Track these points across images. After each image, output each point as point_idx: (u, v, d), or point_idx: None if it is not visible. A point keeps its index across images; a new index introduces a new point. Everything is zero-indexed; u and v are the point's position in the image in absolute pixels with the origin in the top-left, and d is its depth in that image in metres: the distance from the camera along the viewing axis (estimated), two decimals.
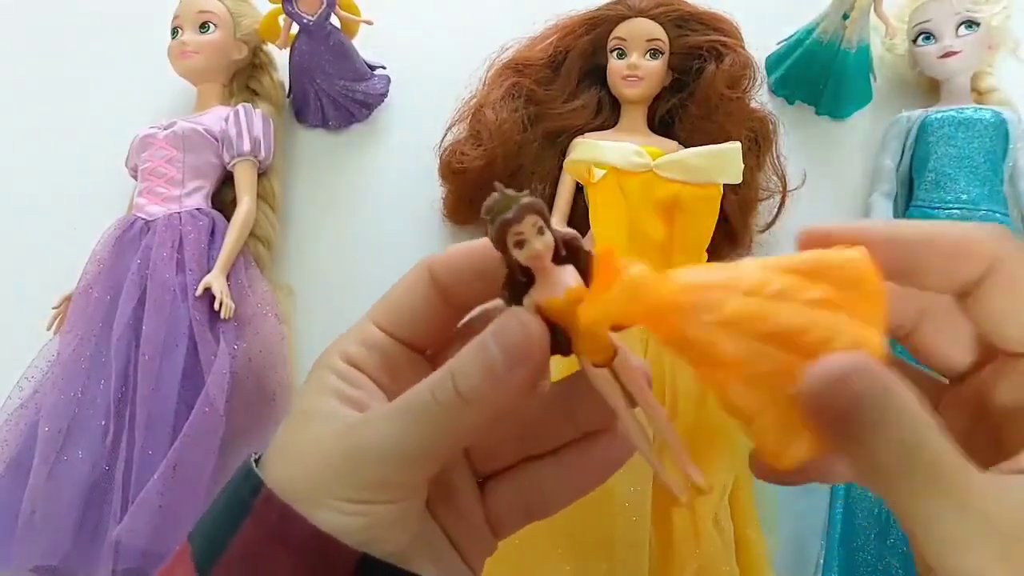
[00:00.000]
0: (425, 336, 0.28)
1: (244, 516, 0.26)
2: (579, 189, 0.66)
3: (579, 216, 0.66)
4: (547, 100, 0.67)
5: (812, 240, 0.24)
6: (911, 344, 0.26)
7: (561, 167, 0.67)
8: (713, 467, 0.53)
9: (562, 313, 0.24)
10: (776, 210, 0.68)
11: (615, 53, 0.67)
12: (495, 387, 0.24)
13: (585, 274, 0.25)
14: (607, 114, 0.69)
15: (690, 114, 0.67)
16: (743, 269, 0.23)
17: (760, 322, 0.22)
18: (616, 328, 0.24)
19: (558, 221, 0.66)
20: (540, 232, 0.24)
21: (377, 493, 0.26)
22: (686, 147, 0.63)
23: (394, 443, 0.25)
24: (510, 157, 0.66)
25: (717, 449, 0.53)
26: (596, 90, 0.69)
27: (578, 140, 0.65)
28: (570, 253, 0.25)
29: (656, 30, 0.66)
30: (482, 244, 0.27)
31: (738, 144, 0.57)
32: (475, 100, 0.70)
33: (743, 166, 0.58)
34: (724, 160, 0.56)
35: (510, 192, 0.25)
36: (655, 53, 0.67)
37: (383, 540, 0.25)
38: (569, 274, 0.25)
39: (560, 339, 0.25)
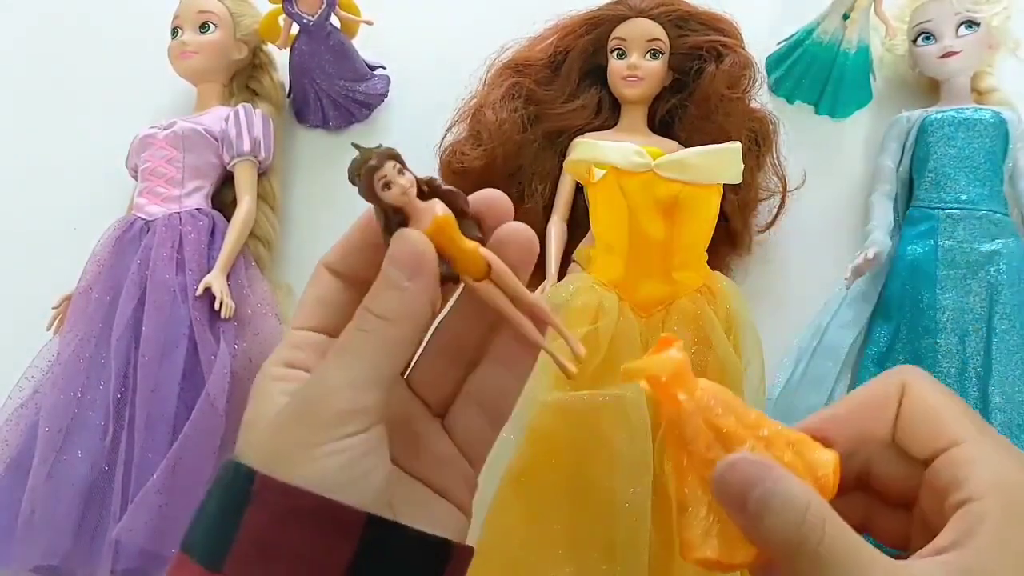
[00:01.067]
0: (338, 320, 0.31)
1: (245, 506, 0.28)
2: (579, 189, 0.66)
3: (579, 216, 0.66)
4: (547, 100, 0.67)
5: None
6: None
7: (561, 167, 0.67)
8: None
9: (437, 239, 0.29)
10: (776, 210, 0.68)
11: (615, 53, 0.67)
12: (404, 300, 0.29)
13: (451, 206, 0.30)
14: (607, 114, 0.69)
15: (690, 114, 0.67)
16: (755, 412, 0.29)
17: (739, 445, 0.27)
18: (651, 385, 0.29)
19: (558, 222, 0.66)
20: (400, 172, 0.29)
21: (340, 427, 0.28)
22: (686, 147, 0.63)
23: (341, 377, 0.28)
24: (510, 157, 0.66)
25: None
26: (596, 90, 0.69)
27: (578, 140, 0.64)
28: (432, 191, 0.30)
29: (656, 30, 0.66)
30: (356, 226, 0.33)
31: (738, 144, 0.57)
32: (475, 100, 0.70)
33: (743, 166, 0.58)
34: (724, 160, 0.56)
35: (364, 146, 0.30)
36: (655, 53, 0.66)
37: (366, 476, 0.28)
38: (437, 206, 0.30)
39: (444, 267, 0.29)
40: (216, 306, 0.62)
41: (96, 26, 0.90)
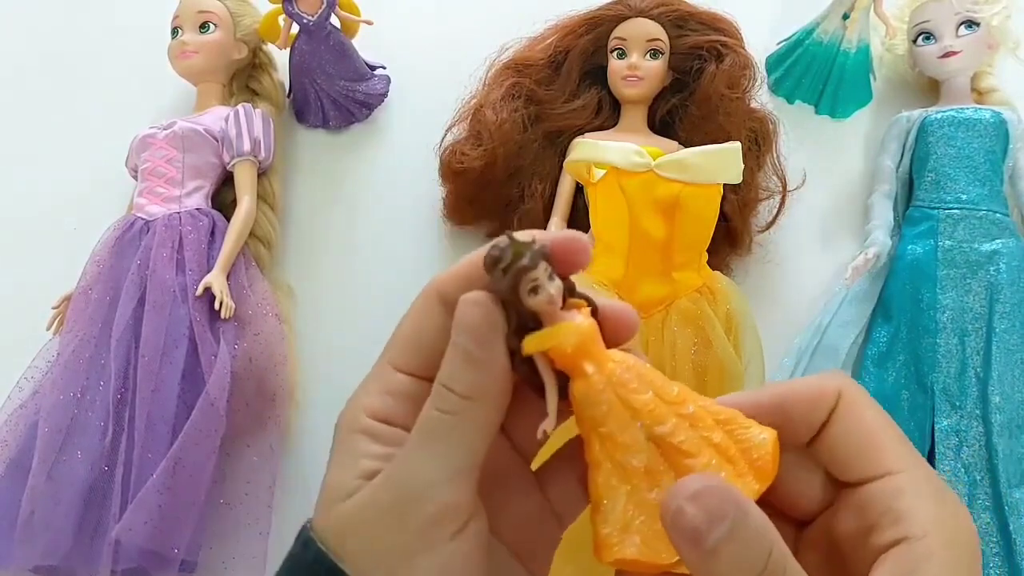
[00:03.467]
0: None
1: None
2: (579, 189, 0.66)
3: (579, 216, 0.66)
4: (547, 100, 0.67)
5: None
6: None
7: (561, 167, 0.66)
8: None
9: (576, 353, 0.25)
10: (776, 210, 0.68)
11: (615, 53, 0.67)
12: (480, 372, 0.25)
13: (592, 312, 0.26)
14: (607, 114, 0.69)
15: (690, 114, 0.67)
16: (678, 385, 0.25)
17: (659, 425, 0.24)
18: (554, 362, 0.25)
19: (558, 222, 0.66)
20: (551, 277, 0.25)
21: (440, 527, 0.25)
22: (686, 147, 0.63)
23: (436, 469, 0.25)
24: (510, 157, 0.66)
25: None
26: (596, 90, 0.69)
27: (578, 140, 0.64)
28: (569, 293, 0.26)
29: (656, 30, 0.66)
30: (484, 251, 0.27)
31: (738, 144, 0.57)
32: (475, 100, 0.69)
33: (743, 166, 0.58)
34: (724, 160, 0.56)
35: (519, 238, 0.25)
36: (655, 53, 0.66)
37: None
38: (576, 317, 0.25)
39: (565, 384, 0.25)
40: (216, 306, 0.62)
41: (96, 26, 0.90)
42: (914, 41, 0.72)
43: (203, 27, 0.74)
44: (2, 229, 0.78)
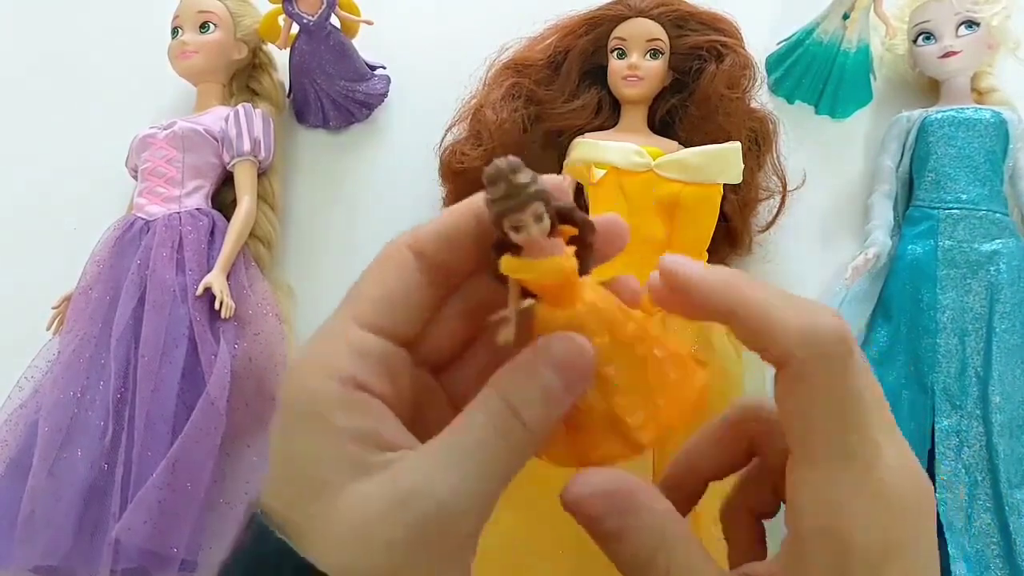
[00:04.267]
0: (415, 326, 0.25)
1: None
2: (579, 190, 0.66)
3: None
4: (547, 100, 0.67)
5: (668, 276, 0.25)
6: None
7: (561, 167, 0.66)
8: None
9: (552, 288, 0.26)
10: (776, 210, 0.68)
11: (615, 53, 0.67)
12: (554, 411, 0.24)
13: (582, 241, 0.26)
14: (607, 114, 0.69)
15: (690, 114, 0.67)
16: (637, 323, 0.27)
17: (605, 366, 0.25)
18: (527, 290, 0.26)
19: None
20: (538, 219, 0.25)
21: (465, 554, 0.23)
22: (686, 147, 0.63)
23: (460, 495, 0.22)
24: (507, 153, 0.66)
25: None
26: (596, 90, 0.69)
27: (578, 140, 0.64)
28: (563, 218, 0.26)
29: (656, 30, 0.66)
30: (466, 211, 0.27)
31: (738, 144, 0.57)
32: (475, 100, 0.69)
33: (743, 166, 0.58)
34: (724, 160, 0.57)
35: (517, 178, 0.26)
36: (655, 53, 0.66)
37: None
38: (558, 248, 0.25)
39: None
40: (216, 306, 0.62)
41: (96, 26, 0.90)
42: (914, 41, 0.72)
43: (203, 27, 0.74)
44: (2, 229, 0.78)
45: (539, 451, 0.25)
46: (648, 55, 0.66)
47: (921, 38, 0.71)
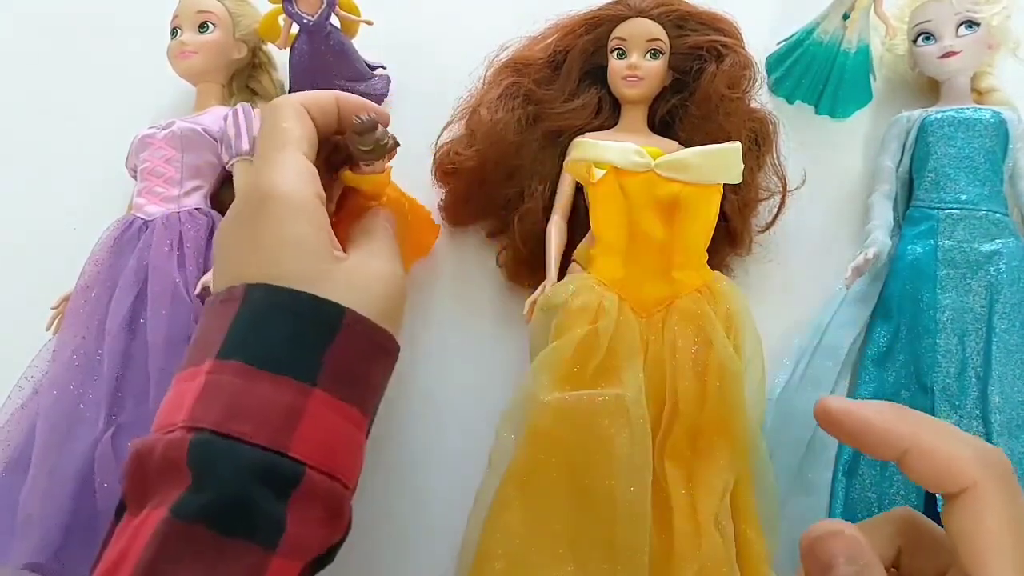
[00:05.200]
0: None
1: (335, 333, 0.38)
2: (579, 190, 0.66)
3: (579, 216, 0.66)
4: (547, 100, 0.67)
5: (835, 424, 0.30)
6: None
7: (561, 167, 0.66)
8: (715, 467, 0.53)
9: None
10: (776, 210, 0.68)
11: (615, 53, 0.67)
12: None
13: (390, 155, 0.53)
14: (607, 114, 0.69)
15: (690, 114, 0.67)
16: (408, 197, 0.63)
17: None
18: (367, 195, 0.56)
19: (558, 220, 0.65)
20: (382, 160, 0.52)
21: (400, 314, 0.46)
22: (686, 147, 0.63)
23: (399, 274, 0.47)
24: (505, 157, 0.66)
25: (719, 449, 0.53)
26: (596, 90, 0.69)
27: (578, 140, 0.64)
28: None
29: (656, 30, 0.66)
30: (331, 97, 0.49)
31: (738, 144, 0.57)
32: (473, 99, 0.69)
33: (743, 166, 0.58)
34: (724, 159, 0.56)
35: (380, 136, 0.49)
36: (655, 53, 0.66)
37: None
38: (380, 167, 0.53)
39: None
40: None
41: (95, 26, 0.90)
42: (914, 41, 0.72)
43: (202, 27, 0.74)
44: (2, 229, 0.79)
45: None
46: (648, 55, 0.66)
47: (921, 38, 0.71)
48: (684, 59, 0.67)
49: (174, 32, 0.75)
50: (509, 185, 0.66)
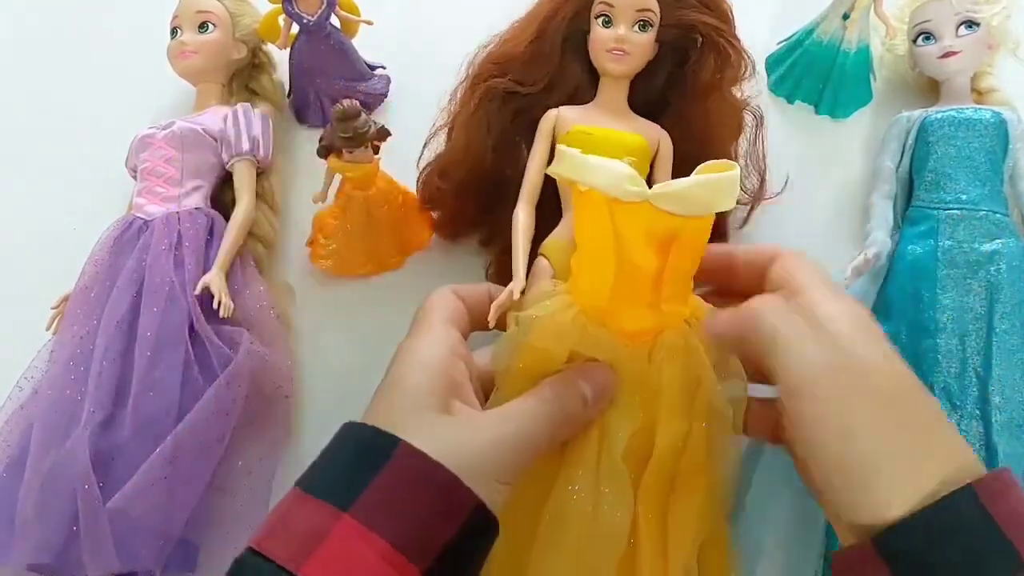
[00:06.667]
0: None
1: (382, 463, 0.38)
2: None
3: (547, 203, 0.59)
4: (528, 92, 0.62)
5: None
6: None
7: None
8: (691, 513, 0.49)
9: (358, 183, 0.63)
10: (748, 211, 0.68)
11: (600, 20, 0.59)
12: (590, 410, 0.47)
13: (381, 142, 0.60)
14: (585, 87, 0.62)
15: (675, 100, 0.62)
16: (402, 188, 0.69)
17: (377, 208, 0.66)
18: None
19: (526, 208, 0.58)
20: (365, 148, 0.57)
21: (514, 477, 0.42)
22: (668, 131, 0.60)
23: (532, 435, 0.44)
24: (484, 176, 0.62)
25: (692, 499, 0.49)
26: (578, 64, 0.62)
27: (563, 149, 0.50)
28: (376, 138, 0.58)
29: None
30: (485, 293, 0.53)
31: (737, 171, 0.47)
32: (450, 113, 0.65)
33: (737, 191, 0.49)
34: (723, 189, 0.47)
35: (360, 123, 0.56)
36: (644, 25, 0.59)
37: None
38: (368, 156, 0.60)
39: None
40: (215, 305, 0.62)
41: (95, 26, 0.90)
42: (914, 41, 0.72)
43: (202, 27, 0.75)
44: (2, 229, 0.79)
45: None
46: (637, 26, 0.59)
47: (921, 38, 0.71)
48: (671, 32, 0.60)
49: (174, 32, 0.75)
50: (496, 195, 0.63)
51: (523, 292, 0.52)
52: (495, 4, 0.82)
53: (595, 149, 0.50)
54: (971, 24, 0.69)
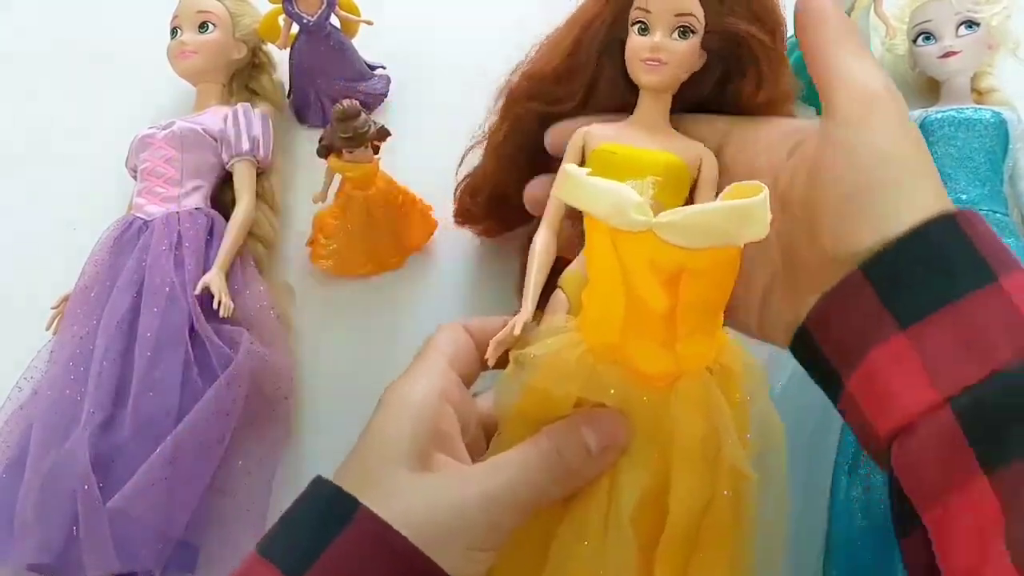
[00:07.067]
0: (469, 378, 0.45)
1: (339, 529, 0.34)
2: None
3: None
4: (561, 112, 0.56)
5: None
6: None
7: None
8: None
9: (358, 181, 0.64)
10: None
11: (636, 27, 0.52)
12: (595, 462, 0.40)
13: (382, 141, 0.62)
14: (627, 104, 0.54)
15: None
16: (402, 195, 0.70)
17: (378, 208, 0.68)
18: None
19: (546, 233, 0.51)
20: (364, 148, 0.58)
21: (500, 539, 0.37)
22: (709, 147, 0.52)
23: (524, 490, 0.37)
24: (511, 199, 0.59)
25: (719, 568, 0.44)
26: (617, 75, 0.54)
27: (566, 169, 0.43)
28: (377, 138, 0.59)
29: (688, 3, 0.50)
30: (491, 329, 0.44)
31: (764, 195, 0.38)
32: (483, 134, 0.62)
33: (771, 216, 0.39)
34: (747, 216, 0.38)
35: (360, 123, 0.58)
36: (685, 31, 0.51)
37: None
38: (368, 156, 0.61)
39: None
40: (215, 305, 0.62)
41: (95, 27, 0.90)
42: (914, 41, 0.72)
43: (202, 27, 0.75)
44: (2, 229, 0.79)
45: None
46: (676, 33, 0.51)
47: (921, 38, 0.71)
48: (717, 40, 0.52)
49: (174, 32, 0.75)
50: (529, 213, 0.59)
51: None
52: (495, 4, 0.82)
53: (617, 169, 0.46)
54: (971, 24, 0.69)
